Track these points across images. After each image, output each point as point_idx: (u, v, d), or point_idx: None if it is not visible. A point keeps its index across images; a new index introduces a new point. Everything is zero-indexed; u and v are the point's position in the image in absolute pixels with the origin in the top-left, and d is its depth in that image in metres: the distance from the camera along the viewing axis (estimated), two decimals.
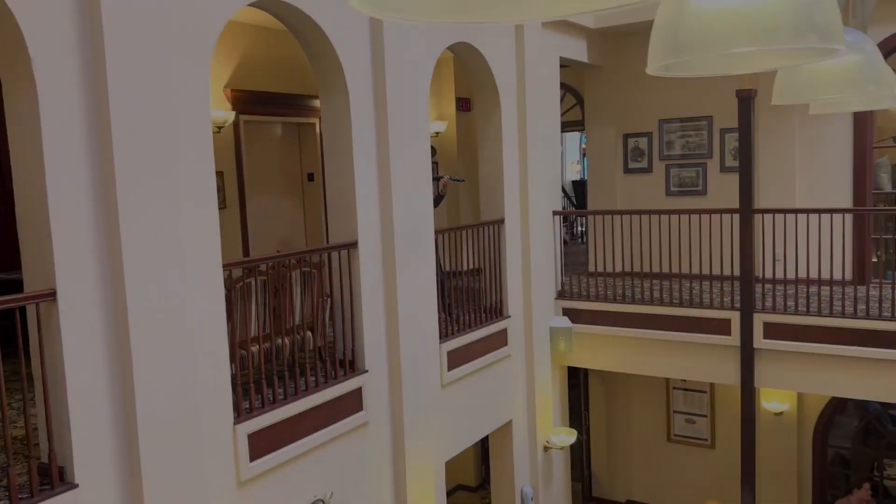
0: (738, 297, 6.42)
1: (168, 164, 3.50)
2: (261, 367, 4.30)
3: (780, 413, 7.71)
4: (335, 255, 4.79)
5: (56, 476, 3.19)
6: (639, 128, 8.26)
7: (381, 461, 5.06)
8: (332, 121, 4.85)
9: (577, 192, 13.28)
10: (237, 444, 3.98)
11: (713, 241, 6.59)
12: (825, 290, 6.51)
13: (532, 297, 6.78)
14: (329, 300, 4.84)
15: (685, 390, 8.53)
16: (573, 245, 11.35)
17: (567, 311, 7.22)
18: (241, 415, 4.04)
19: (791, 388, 6.87)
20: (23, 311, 3.16)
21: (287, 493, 4.32)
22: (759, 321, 6.28)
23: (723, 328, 6.46)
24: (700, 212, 6.61)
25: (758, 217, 6.51)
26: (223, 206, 6.44)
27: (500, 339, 6.44)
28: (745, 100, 6.23)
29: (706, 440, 8.46)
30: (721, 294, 6.74)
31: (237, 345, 4.14)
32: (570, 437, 6.99)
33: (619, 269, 7.30)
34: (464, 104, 8.88)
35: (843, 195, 7.20)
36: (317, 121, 7.21)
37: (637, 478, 8.98)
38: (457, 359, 5.87)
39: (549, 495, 7.17)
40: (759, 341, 6.28)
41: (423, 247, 5.36)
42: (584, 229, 11.30)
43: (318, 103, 5.47)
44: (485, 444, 8.01)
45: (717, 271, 6.74)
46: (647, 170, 8.27)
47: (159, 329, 3.47)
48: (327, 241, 5.45)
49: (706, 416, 8.45)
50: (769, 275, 6.80)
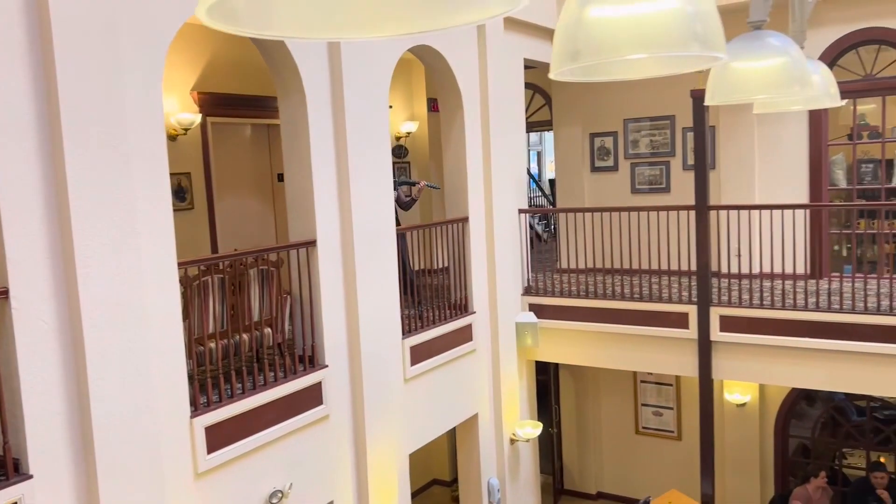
0: (696, 292, 6.59)
1: (121, 166, 3.62)
2: (219, 362, 4.42)
3: (743, 404, 7.89)
4: (294, 253, 4.92)
5: (11, 468, 3.30)
6: (604, 127, 8.42)
7: (342, 453, 5.19)
8: (290, 122, 4.98)
9: (555, 191, 13.44)
10: (194, 437, 4.11)
11: (672, 238, 6.76)
12: (784, 283, 6.67)
13: (497, 293, 6.92)
14: (288, 297, 4.97)
15: (652, 383, 8.70)
16: (553, 242, 11.49)
17: (533, 307, 7.37)
18: (198, 408, 4.17)
19: (747, 379, 7.05)
20: None
21: (246, 485, 4.45)
22: (715, 315, 6.45)
23: (681, 322, 6.63)
24: (658, 209, 6.78)
25: (719, 213, 6.69)
26: (190, 206, 6.56)
27: (465, 335, 6.58)
28: (699, 99, 6.39)
29: (673, 432, 8.64)
30: (679, 288, 6.91)
31: (195, 341, 4.27)
32: (535, 429, 7.14)
33: (587, 265, 7.46)
34: (435, 105, 9.01)
35: (801, 192, 7.39)
36: None
37: (607, 470, 9.15)
38: (420, 354, 6.00)
39: (517, 487, 7.32)
40: (715, 334, 6.45)
41: (384, 245, 5.49)
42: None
43: None
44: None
45: (678, 267, 6.91)
46: (613, 168, 8.43)
47: (113, 325, 3.59)
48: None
49: (672, 409, 8.63)
50: (732, 270, 6.98)
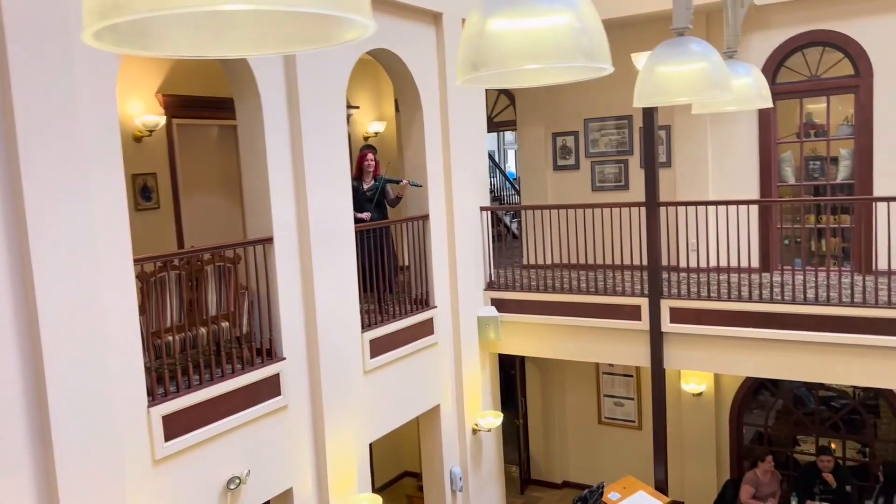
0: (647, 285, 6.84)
1: (76, 166, 3.80)
2: (176, 355, 4.62)
3: (699, 394, 8.16)
4: (251, 249, 5.12)
5: None
6: (566, 127, 8.66)
7: (301, 442, 5.40)
8: (246, 124, 5.18)
9: None
10: (151, 426, 4.31)
11: (628, 234, 7.00)
12: (734, 277, 6.94)
13: (459, 288, 7.15)
14: (246, 292, 5.17)
15: (613, 375, 8.96)
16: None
17: (495, 302, 7.61)
18: (155, 398, 4.37)
19: (698, 368, 7.31)
20: None
21: (204, 471, 4.65)
22: (665, 306, 6.70)
23: (634, 314, 6.88)
24: (611, 205, 7.01)
25: (677, 210, 6.96)
26: (156, 206, 6.75)
27: (426, 329, 6.80)
28: None
29: (633, 422, 8.90)
30: (632, 282, 7.16)
31: (152, 334, 4.47)
32: (496, 419, 7.38)
33: (551, 261, 7.70)
34: None
35: (752, 188, 7.66)
36: None
37: (572, 459, 9.41)
38: (380, 347, 6.22)
39: (479, 476, 7.55)
40: (666, 325, 6.71)
41: (342, 242, 5.70)
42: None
43: None
44: None
45: (638, 261, 7.15)
46: (575, 167, 8.68)
47: (69, 319, 3.78)
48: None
49: (633, 399, 8.89)
50: (687, 264, 7.24)
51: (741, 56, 7.23)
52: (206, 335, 4.87)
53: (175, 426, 4.45)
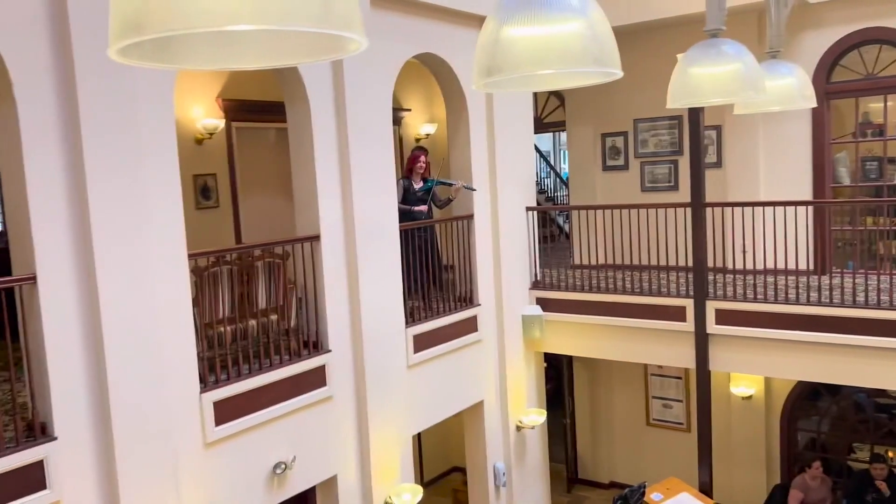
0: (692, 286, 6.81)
1: (135, 166, 4.11)
2: (227, 345, 4.90)
3: (749, 397, 8.06)
4: (299, 246, 5.37)
5: (38, 430, 3.83)
6: (615, 127, 8.68)
7: (345, 432, 5.62)
8: (296, 127, 5.44)
9: None
10: (203, 411, 4.59)
11: (677, 234, 6.97)
12: (785, 279, 6.82)
13: (503, 286, 7.28)
14: (293, 287, 5.42)
15: (661, 376, 8.92)
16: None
17: (540, 301, 7.69)
18: (207, 385, 4.65)
19: (744, 370, 7.24)
20: (10, 292, 3.80)
21: (252, 456, 4.91)
22: (711, 308, 6.67)
23: (679, 315, 6.87)
24: (656, 206, 7.02)
25: (724, 210, 6.93)
26: (216, 205, 7.10)
27: (469, 326, 6.95)
28: None
29: (682, 424, 8.84)
30: (677, 283, 7.14)
31: (205, 325, 4.75)
32: (540, 417, 7.47)
33: (599, 261, 7.74)
34: None
35: (805, 189, 7.53)
36: None
37: (619, 460, 9.40)
38: (424, 342, 6.40)
39: (523, 472, 7.65)
40: (711, 327, 6.68)
41: (386, 240, 5.91)
42: None
43: None
44: None
45: (684, 262, 7.13)
46: (624, 167, 8.68)
47: (128, 308, 4.08)
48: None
49: (682, 402, 8.83)
50: (734, 265, 7.19)
51: (794, 54, 7.17)
52: (255, 327, 5.14)
53: (225, 412, 4.72)
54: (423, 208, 6.75)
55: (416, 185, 6.95)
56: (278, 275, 5.28)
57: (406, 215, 6.49)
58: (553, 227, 11.69)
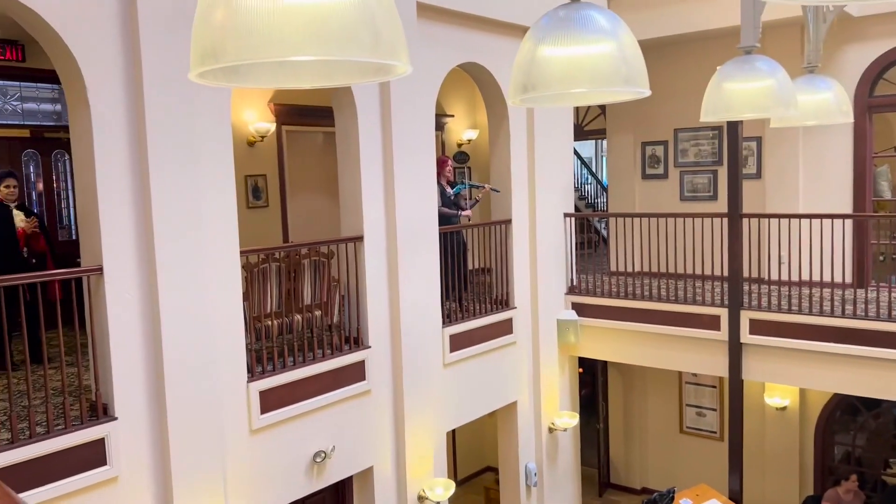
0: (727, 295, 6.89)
1: (193, 168, 4.40)
2: (274, 338, 5.18)
3: (783, 408, 8.07)
4: (343, 246, 5.63)
5: (101, 411, 4.14)
6: (655, 136, 8.77)
7: (382, 425, 5.86)
8: (343, 132, 5.70)
9: None
10: (250, 399, 4.87)
11: (714, 243, 7.05)
12: (824, 291, 6.84)
13: (539, 290, 7.44)
14: (337, 285, 5.68)
15: (696, 385, 8.97)
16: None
17: (576, 306, 7.83)
18: (254, 375, 4.93)
19: (777, 380, 7.27)
20: (78, 282, 4.13)
21: (293, 444, 5.18)
22: (745, 318, 6.73)
23: (713, 324, 6.95)
24: (693, 215, 7.10)
25: (760, 222, 7.00)
26: (266, 204, 7.42)
27: (505, 328, 7.13)
28: None
29: (715, 433, 8.88)
30: (713, 293, 7.21)
31: (254, 318, 5.03)
32: (572, 419, 7.61)
33: (636, 268, 7.86)
34: None
35: (845, 202, 7.53)
36: None
37: (652, 466, 9.47)
38: (460, 342, 6.60)
39: (555, 473, 7.80)
40: (745, 336, 6.74)
41: (426, 242, 6.13)
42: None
43: None
44: None
45: (720, 272, 7.20)
46: (663, 176, 8.77)
47: (184, 300, 4.37)
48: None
49: (715, 410, 8.87)
50: (769, 276, 7.24)
51: (837, 67, 7.20)
52: (301, 322, 5.41)
53: (270, 401, 4.99)
54: (469, 213, 6.96)
55: (448, 190, 7.16)
56: (323, 273, 5.54)
57: (445, 218, 6.71)
58: (593, 234, 11.78)
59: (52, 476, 3.88)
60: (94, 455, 4.07)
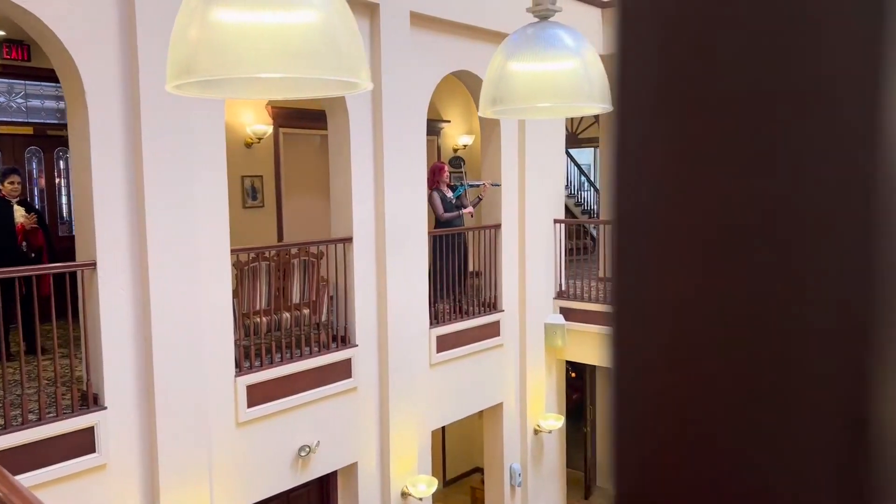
0: None
1: (187, 169, 4.57)
2: (262, 334, 5.34)
3: None
4: (332, 247, 5.79)
5: (91, 400, 4.30)
6: None
7: (367, 422, 6.01)
8: (335, 136, 5.86)
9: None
10: (237, 393, 5.03)
11: None
12: None
13: (527, 294, 7.59)
14: (326, 284, 5.84)
15: None
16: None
17: (564, 310, 7.98)
18: (242, 370, 5.09)
19: None
20: (73, 276, 4.29)
21: (279, 437, 5.33)
22: None
23: None
24: None
25: None
26: (261, 204, 7.59)
27: (492, 330, 7.28)
28: None
29: None
30: None
31: (243, 315, 5.20)
32: (557, 421, 7.75)
33: None
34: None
35: None
36: None
37: None
38: (447, 343, 6.75)
39: (539, 474, 7.94)
40: None
41: (414, 244, 6.29)
42: None
43: None
44: None
45: None
46: None
47: (175, 295, 4.54)
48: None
49: None
50: None
51: None
52: (289, 319, 5.56)
53: (257, 395, 5.15)
54: (471, 210, 7.09)
55: (448, 194, 7.31)
56: (312, 272, 5.70)
57: (447, 222, 6.87)
58: (588, 240, 11.93)
59: (42, 461, 4.05)
60: (84, 442, 4.24)
